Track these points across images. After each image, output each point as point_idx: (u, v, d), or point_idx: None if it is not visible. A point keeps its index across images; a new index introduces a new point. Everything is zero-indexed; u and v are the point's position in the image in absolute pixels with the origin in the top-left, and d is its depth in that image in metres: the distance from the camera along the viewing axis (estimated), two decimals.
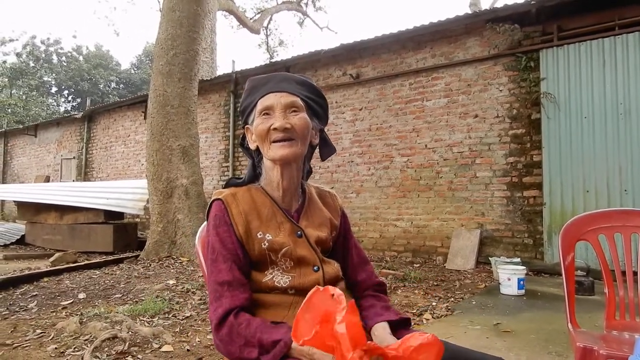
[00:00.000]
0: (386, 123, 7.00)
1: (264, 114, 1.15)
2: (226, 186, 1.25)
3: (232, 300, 1.06)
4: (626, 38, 5.13)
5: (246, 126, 1.25)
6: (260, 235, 1.14)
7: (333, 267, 1.22)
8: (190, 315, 3.35)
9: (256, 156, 1.24)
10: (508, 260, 4.91)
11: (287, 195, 1.21)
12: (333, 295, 0.84)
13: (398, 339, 0.93)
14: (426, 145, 6.58)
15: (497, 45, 6.01)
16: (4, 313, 3.58)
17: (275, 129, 1.12)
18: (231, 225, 1.14)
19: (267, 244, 1.14)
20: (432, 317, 3.46)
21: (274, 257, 1.15)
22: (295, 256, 1.16)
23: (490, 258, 5.30)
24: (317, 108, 1.22)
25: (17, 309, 3.68)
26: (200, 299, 3.68)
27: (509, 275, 4.23)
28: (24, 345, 2.81)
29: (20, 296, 4.11)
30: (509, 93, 5.92)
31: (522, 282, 4.20)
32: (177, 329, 3.04)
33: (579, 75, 5.42)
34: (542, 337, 2.96)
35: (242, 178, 1.27)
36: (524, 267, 4.42)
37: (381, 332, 1.12)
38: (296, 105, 1.16)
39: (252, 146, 1.22)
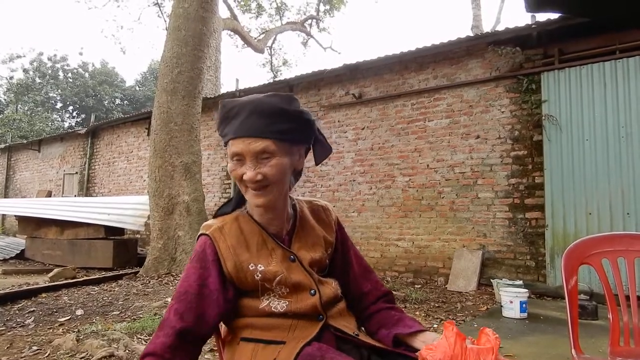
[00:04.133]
0: (388, 142, 7.02)
1: (235, 159, 1.08)
2: (215, 216, 1.22)
3: (150, 344, 1.06)
4: (627, 62, 5.18)
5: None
6: (252, 267, 1.12)
7: (330, 287, 1.20)
8: None
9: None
10: (510, 282, 4.86)
11: (275, 219, 1.17)
12: None
13: None
14: (428, 165, 6.59)
15: (499, 67, 6.07)
16: (0, 329, 3.55)
17: (245, 180, 1.07)
18: (216, 261, 1.12)
19: (260, 275, 1.12)
20: None
21: (269, 285, 1.13)
22: (290, 282, 1.13)
23: (492, 280, 5.24)
24: (298, 136, 1.10)
25: (14, 325, 3.65)
26: None
27: (511, 298, 4.19)
28: None
29: (17, 312, 4.08)
30: (511, 114, 5.95)
31: (524, 305, 4.15)
32: None
33: (580, 97, 5.46)
34: None
35: (230, 201, 1.24)
36: (527, 290, 4.37)
37: (432, 337, 1.12)
38: (268, 150, 1.05)
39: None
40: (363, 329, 1.26)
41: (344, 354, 1.07)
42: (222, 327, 1.26)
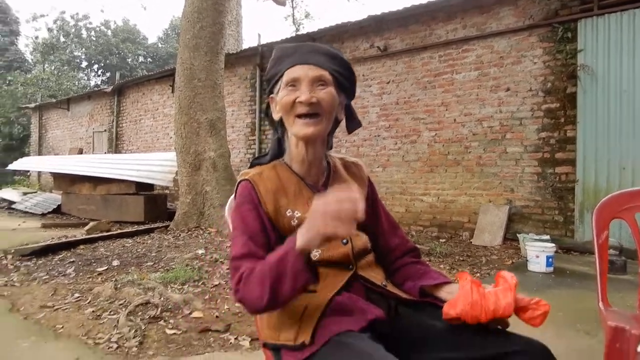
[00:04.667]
0: (414, 97, 6.87)
1: (290, 86, 1.13)
2: (251, 166, 1.25)
3: (246, 268, 1.05)
4: None
5: (271, 96, 1.23)
6: (289, 213, 1.15)
7: (361, 239, 1.22)
8: (219, 283, 3.44)
9: (279, 127, 1.23)
10: (537, 237, 4.82)
11: (312, 170, 1.21)
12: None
13: None
14: (455, 120, 6.44)
15: (532, 16, 5.75)
16: (44, 278, 3.77)
17: (300, 102, 1.11)
18: (259, 203, 1.14)
19: (296, 221, 1.14)
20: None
21: None
22: None
23: (518, 235, 5.21)
24: (345, 82, 1.19)
25: (56, 274, 3.87)
26: (229, 269, 3.77)
27: (538, 252, 4.17)
28: (64, 307, 2.96)
29: (58, 262, 4.32)
30: (544, 65, 5.69)
31: (550, 260, 4.14)
32: (207, 297, 3.13)
33: (620, 46, 5.15)
34: (570, 315, 2.92)
35: (266, 154, 1.26)
36: (554, 245, 4.33)
37: (453, 289, 1.14)
38: (324, 79, 1.13)
39: (276, 117, 1.21)
40: (390, 281, 1.29)
41: (372, 304, 1.10)
42: None
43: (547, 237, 4.88)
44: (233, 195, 1.24)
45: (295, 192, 1.18)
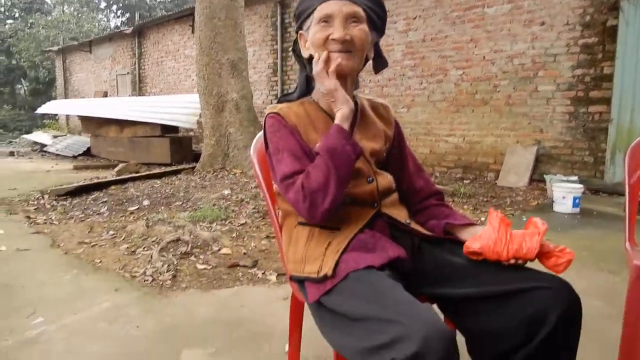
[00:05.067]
0: (442, 33, 6.56)
1: (322, 22, 1.11)
2: (279, 102, 1.24)
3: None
4: None
5: (300, 32, 1.20)
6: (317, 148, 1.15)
7: (386, 179, 1.23)
8: (245, 222, 3.55)
9: (308, 65, 1.21)
10: (565, 178, 4.73)
11: None
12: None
13: None
14: (484, 57, 6.16)
15: None
16: (80, 216, 3.96)
17: (334, 39, 1.09)
18: (292, 129, 1.14)
19: None
20: None
21: None
22: None
23: (545, 176, 5.12)
24: (377, 20, 1.17)
25: (91, 213, 4.05)
26: (254, 208, 3.87)
27: (564, 193, 4.11)
28: (100, 244, 3.13)
29: (92, 202, 4.50)
30: None
31: (577, 201, 4.08)
32: (234, 235, 3.25)
33: None
34: (594, 255, 2.92)
35: (294, 92, 1.25)
36: (582, 186, 4.26)
37: (477, 230, 1.15)
38: (357, 15, 1.11)
39: (305, 54, 1.19)
40: (413, 219, 1.30)
41: (395, 242, 1.12)
42: (279, 212, 1.34)
43: (575, 177, 4.79)
44: (262, 131, 1.24)
45: (323, 129, 1.17)
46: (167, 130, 7.98)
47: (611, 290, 2.35)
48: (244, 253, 2.90)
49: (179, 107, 8.00)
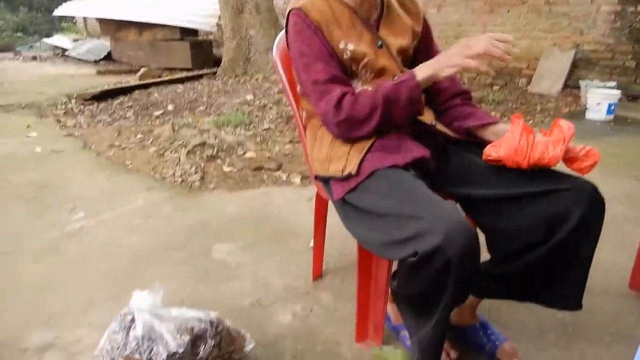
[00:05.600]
0: None
1: None
2: None
3: (342, 89, 1.07)
4: None
5: None
6: (342, 45, 1.11)
7: None
8: (269, 127, 3.57)
9: None
10: (602, 84, 4.49)
11: (366, 3, 1.15)
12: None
13: None
14: None
15: None
16: (107, 120, 4.04)
17: None
18: (316, 28, 1.10)
19: (349, 54, 1.12)
20: None
21: (355, 67, 1.14)
22: (377, 67, 1.14)
23: (580, 81, 4.86)
24: None
25: (117, 117, 4.12)
26: (277, 113, 3.86)
27: (600, 99, 3.92)
28: (129, 147, 3.22)
29: (118, 106, 4.56)
30: None
31: (612, 107, 3.90)
32: (258, 139, 3.29)
33: None
34: (624, 161, 2.87)
35: None
36: (619, 92, 4.05)
37: (504, 129, 1.11)
38: None
39: None
40: (439, 121, 1.28)
41: (419, 143, 1.11)
42: (303, 113, 1.33)
43: (614, 83, 4.54)
44: (284, 29, 1.20)
45: (348, 25, 1.13)
46: (187, 33, 7.74)
47: (636, 196, 2.34)
48: (269, 157, 2.95)
49: (198, 8, 7.67)
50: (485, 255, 0.96)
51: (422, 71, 1.02)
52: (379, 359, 1.21)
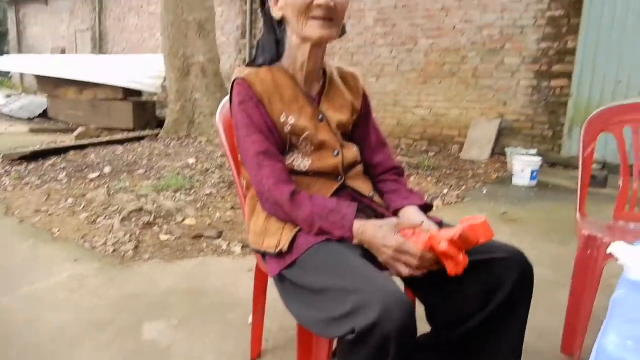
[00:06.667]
0: (413, 0, 6.49)
1: None
2: (247, 66, 1.20)
3: (272, 171, 1.08)
4: None
5: None
6: (283, 118, 1.13)
7: (352, 152, 1.23)
8: (211, 192, 3.51)
9: (278, 27, 1.16)
10: (525, 151, 4.89)
11: (310, 77, 1.18)
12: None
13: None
14: (454, 27, 6.16)
15: None
16: (37, 183, 3.81)
17: (319, 5, 1.05)
18: (258, 101, 1.12)
19: (289, 127, 1.13)
20: (442, 204, 3.57)
21: (295, 140, 1.15)
22: (317, 141, 1.15)
23: (506, 149, 5.27)
24: None
25: (48, 180, 3.91)
26: (220, 178, 3.83)
27: (523, 166, 4.25)
28: (58, 213, 3.03)
29: (50, 168, 4.33)
30: None
31: (535, 174, 4.23)
32: (199, 205, 3.22)
33: None
34: (547, 226, 3.07)
35: (263, 57, 1.20)
36: (540, 158, 4.41)
37: (413, 213, 1.15)
38: None
39: (277, 15, 1.13)
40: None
41: (358, 214, 1.13)
42: (244, 181, 1.32)
43: (535, 151, 4.95)
44: (228, 96, 1.22)
45: (290, 98, 1.15)
46: (130, 93, 7.66)
47: (560, 259, 2.48)
48: (209, 224, 2.89)
49: (143, 69, 7.67)
50: (424, 327, 0.96)
51: (361, 236, 1.02)
52: None
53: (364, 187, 1.22)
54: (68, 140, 5.86)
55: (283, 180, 1.09)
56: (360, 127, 1.30)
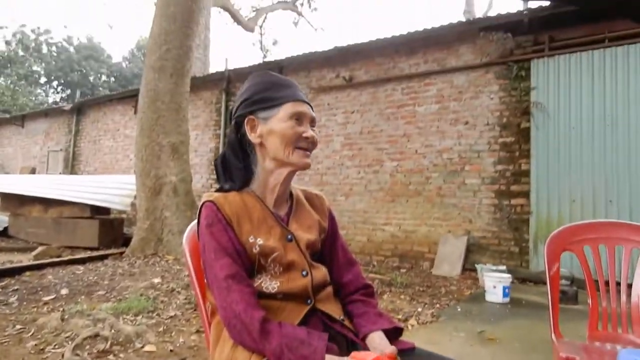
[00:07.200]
0: (377, 127, 7.02)
1: (295, 119, 1.17)
2: (217, 191, 1.23)
3: (242, 295, 1.05)
4: (615, 51, 5.21)
5: (251, 117, 1.19)
6: (251, 239, 1.13)
7: (321, 272, 1.22)
8: (175, 314, 3.31)
9: (250, 152, 1.21)
10: (494, 267, 4.95)
11: (279, 199, 1.22)
12: None
13: None
14: (416, 151, 6.61)
15: (489, 54, 6.06)
16: None
17: (307, 137, 1.17)
18: (226, 224, 1.12)
19: (258, 248, 1.13)
20: (417, 323, 3.47)
21: (264, 262, 1.14)
22: (285, 261, 1.15)
23: (476, 265, 5.33)
24: None
25: None
26: (186, 299, 3.65)
27: (495, 283, 4.27)
28: (3, 341, 2.76)
29: (0, 290, 4.04)
30: (500, 101, 5.97)
31: (507, 290, 4.24)
32: (161, 329, 3.00)
33: (568, 85, 5.49)
34: (526, 346, 2.98)
35: (233, 182, 1.22)
36: (510, 275, 4.45)
37: (379, 341, 1.12)
38: (314, 120, 1.22)
39: (255, 140, 1.18)
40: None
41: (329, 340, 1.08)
42: (209, 307, 1.26)
43: (504, 267, 5.02)
44: (196, 220, 1.22)
45: (259, 219, 1.17)
46: (98, 211, 7.56)
47: None
48: (171, 350, 2.67)
49: (113, 188, 7.68)
50: None
51: None
52: None
53: (335, 309, 1.20)
54: (25, 259, 5.57)
55: (252, 305, 1.05)
56: (327, 247, 1.31)
